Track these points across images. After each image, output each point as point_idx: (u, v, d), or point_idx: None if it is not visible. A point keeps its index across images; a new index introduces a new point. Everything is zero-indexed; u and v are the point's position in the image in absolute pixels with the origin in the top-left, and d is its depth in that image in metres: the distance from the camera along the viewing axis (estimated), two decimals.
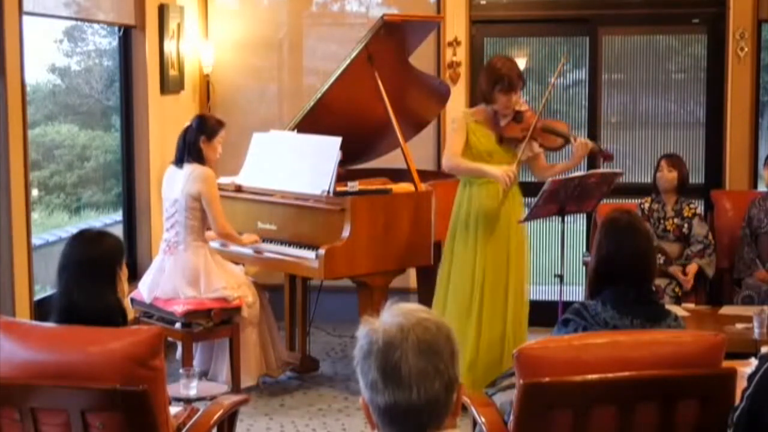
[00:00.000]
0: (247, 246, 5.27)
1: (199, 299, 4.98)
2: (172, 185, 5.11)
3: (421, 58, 5.99)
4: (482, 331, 4.78)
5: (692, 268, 5.58)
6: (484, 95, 4.80)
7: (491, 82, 4.74)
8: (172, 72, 6.33)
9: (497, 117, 4.80)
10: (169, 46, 6.26)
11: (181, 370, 4.37)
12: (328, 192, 5.00)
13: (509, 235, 4.83)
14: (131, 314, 4.79)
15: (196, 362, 5.13)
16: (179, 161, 5.12)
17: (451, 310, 4.83)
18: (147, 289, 5.11)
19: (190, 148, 5.07)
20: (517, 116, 4.78)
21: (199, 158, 5.06)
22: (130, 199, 6.13)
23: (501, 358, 4.73)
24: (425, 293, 5.66)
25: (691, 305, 5.33)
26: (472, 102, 6.33)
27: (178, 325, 4.97)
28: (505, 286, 4.82)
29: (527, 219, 4.85)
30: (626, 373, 2.77)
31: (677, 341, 2.89)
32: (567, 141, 4.82)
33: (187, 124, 5.17)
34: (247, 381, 5.20)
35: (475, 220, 4.82)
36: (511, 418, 2.93)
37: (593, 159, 6.50)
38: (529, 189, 5.25)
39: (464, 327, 4.75)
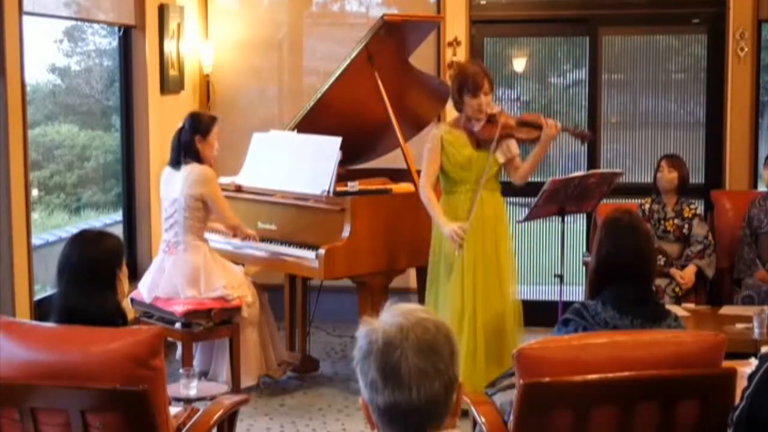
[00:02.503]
0: (248, 239, 5.25)
1: (199, 299, 4.98)
2: (171, 186, 5.10)
3: (421, 58, 5.99)
4: (477, 334, 4.77)
5: (690, 270, 5.58)
6: (456, 103, 4.81)
7: (458, 88, 4.76)
8: (172, 72, 6.33)
9: (471, 123, 4.76)
10: (169, 46, 6.26)
11: (181, 370, 4.37)
12: (328, 192, 5.00)
13: (496, 237, 4.80)
14: (131, 314, 4.79)
15: (196, 362, 5.13)
16: (176, 162, 5.10)
17: (443, 313, 4.78)
18: (147, 289, 5.10)
19: (186, 148, 5.05)
20: (492, 118, 4.72)
21: (196, 158, 5.05)
22: (130, 199, 6.13)
23: (501, 358, 4.71)
24: (425, 293, 5.66)
25: (691, 305, 5.33)
26: None
27: (178, 325, 4.97)
28: (499, 286, 4.80)
29: (527, 219, 4.85)
30: (626, 373, 2.76)
31: (677, 341, 2.89)
32: (541, 128, 4.72)
33: (180, 125, 5.14)
34: (247, 381, 5.19)
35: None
36: (511, 418, 2.93)
37: (592, 141, 6.51)
38: (529, 189, 5.25)
39: (458, 330, 4.73)
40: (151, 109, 6.06)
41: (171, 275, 5.03)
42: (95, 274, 3.06)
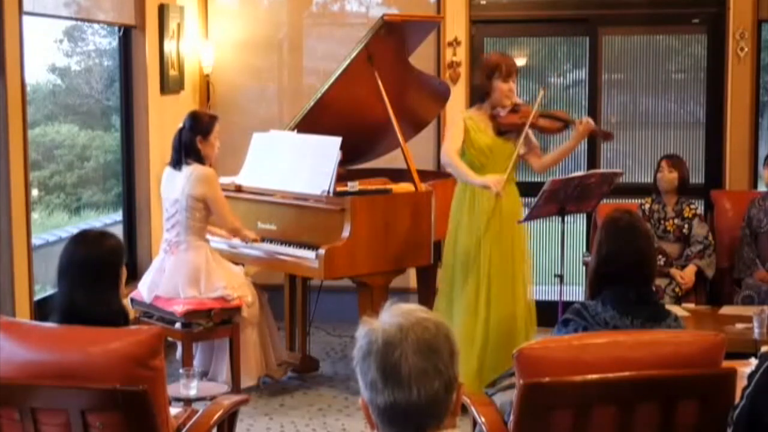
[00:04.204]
0: (248, 242, 5.26)
1: (199, 299, 4.98)
2: (172, 185, 5.10)
3: (421, 58, 5.99)
4: (489, 333, 4.78)
5: (690, 270, 5.58)
6: (483, 89, 4.89)
7: (488, 72, 4.84)
8: (172, 72, 6.33)
9: (497, 110, 4.85)
10: (169, 46, 6.26)
11: (181, 370, 4.37)
12: (328, 192, 5.00)
13: (512, 234, 4.83)
14: (131, 314, 4.79)
15: (196, 362, 5.13)
16: (177, 163, 5.09)
17: (458, 311, 4.82)
18: (147, 288, 5.10)
19: (187, 149, 5.04)
20: (516, 107, 4.86)
21: (197, 158, 5.05)
22: (130, 199, 6.13)
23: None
24: (425, 293, 5.66)
25: (691, 305, 5.33)
26: (473, 102, 6.33)
27: (178, 325, 4.97)
28: (512, 286, 4.82)
29: (527, 219, 4.86)
30: (626, 373, 2.76)
31: (677, 341, 2.89)
32: (567, 124, 4.89)
33: (180, 125, 5.13)
34: (247, 381, 5.19)
35: (479, 219, 4.82)
36: (511, 418, 2.93)
37: (593, 141, 6.51)
38: (529, 189, 5.25)
39: (472, 328, 4.75)
40: (151, 109, 6.05)
41: (172, 275, 5.03)
42: (101, 274, 3.05)
